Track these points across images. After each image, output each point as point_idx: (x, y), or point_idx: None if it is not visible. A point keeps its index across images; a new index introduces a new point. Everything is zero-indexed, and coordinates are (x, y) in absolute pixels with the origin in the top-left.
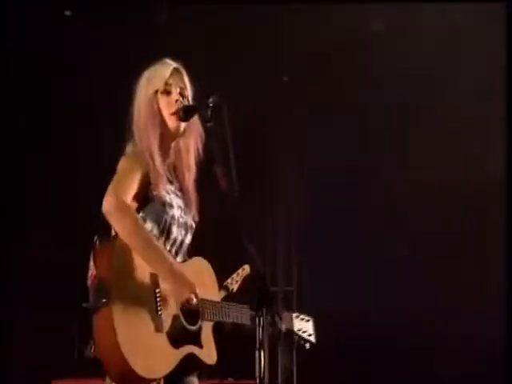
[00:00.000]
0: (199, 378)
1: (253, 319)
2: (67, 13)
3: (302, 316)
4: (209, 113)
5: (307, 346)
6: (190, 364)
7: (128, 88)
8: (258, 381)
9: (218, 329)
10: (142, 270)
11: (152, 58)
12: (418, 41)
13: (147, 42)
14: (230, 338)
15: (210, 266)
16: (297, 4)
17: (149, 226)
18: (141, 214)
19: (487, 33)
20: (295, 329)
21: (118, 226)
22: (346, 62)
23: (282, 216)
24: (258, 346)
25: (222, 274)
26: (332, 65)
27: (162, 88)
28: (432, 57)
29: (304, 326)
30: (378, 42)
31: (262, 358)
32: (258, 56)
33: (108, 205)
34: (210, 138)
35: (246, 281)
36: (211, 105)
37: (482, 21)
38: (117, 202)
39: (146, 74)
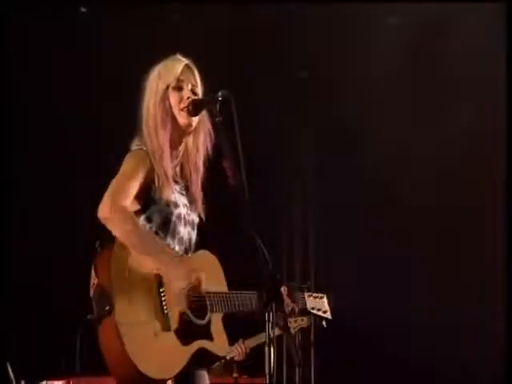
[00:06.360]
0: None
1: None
2: (83, 9)
3: (314, 294)
4: (217, 107)
5: (324, 324)
6: (202, 358)
7: (140, 86)
8: (267, 377)
9: (229, 318)
10: (144, 271)
11: (165, 55)
12: (417, 40)
13: (160, 40)
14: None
15: (215, 258)
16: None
17: (154, 225)
18: (146, 215)
19: (487, 33)
20: (308, 307)
21: (115, 229)
22: (359, 57)
23: (296, 214)
24: (267, 342)
25: (229, 273)
26: (345, 61)
27: (173, 83)
28: (432, 56)
29: (318, 304)
30: (387, 37)
31: (271, 354)
32: (271, 53)
33: (103, 209)
34: (219, 134)
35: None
36: (220, 99)
37: (481, 21)
38: (112, 206)
39: (157, 69)
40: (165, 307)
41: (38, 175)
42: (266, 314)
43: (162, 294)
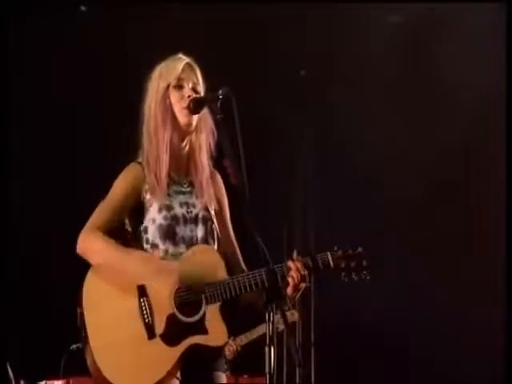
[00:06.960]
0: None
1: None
2: (83, 8)
3: (343, 250)
4: (218, 105)
5: (367, 276)
6: (196, 354)
7: (140, 85)
8: (267, 377)
9: (229, 307)
10: (124, 287)
11: (165, 54)
12: (417, 40)
13: (161, 40)
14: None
15: (212, 248)
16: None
17: (150, 235)
18: (140, 228)
19: (487, 33)
20: (332, 264)
21: (92, 258)
22: (359, 57)
23: (296, 214)
24: (267, 341)
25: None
26: (345, 60)
27: (174, 82)
28: (432, 56)
29: (348, 262)
30: (388, 37)
31: (271, 353)
32: (271, 53)
33: (79, 244)
34: (220, 132)
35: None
36: (221, 97)
37: (481, 21)
38: (88, 239)
39: (159, 69)
40: (145, 316)
41: (38, 175)
42: (266, 314)
43: (143, 304)
